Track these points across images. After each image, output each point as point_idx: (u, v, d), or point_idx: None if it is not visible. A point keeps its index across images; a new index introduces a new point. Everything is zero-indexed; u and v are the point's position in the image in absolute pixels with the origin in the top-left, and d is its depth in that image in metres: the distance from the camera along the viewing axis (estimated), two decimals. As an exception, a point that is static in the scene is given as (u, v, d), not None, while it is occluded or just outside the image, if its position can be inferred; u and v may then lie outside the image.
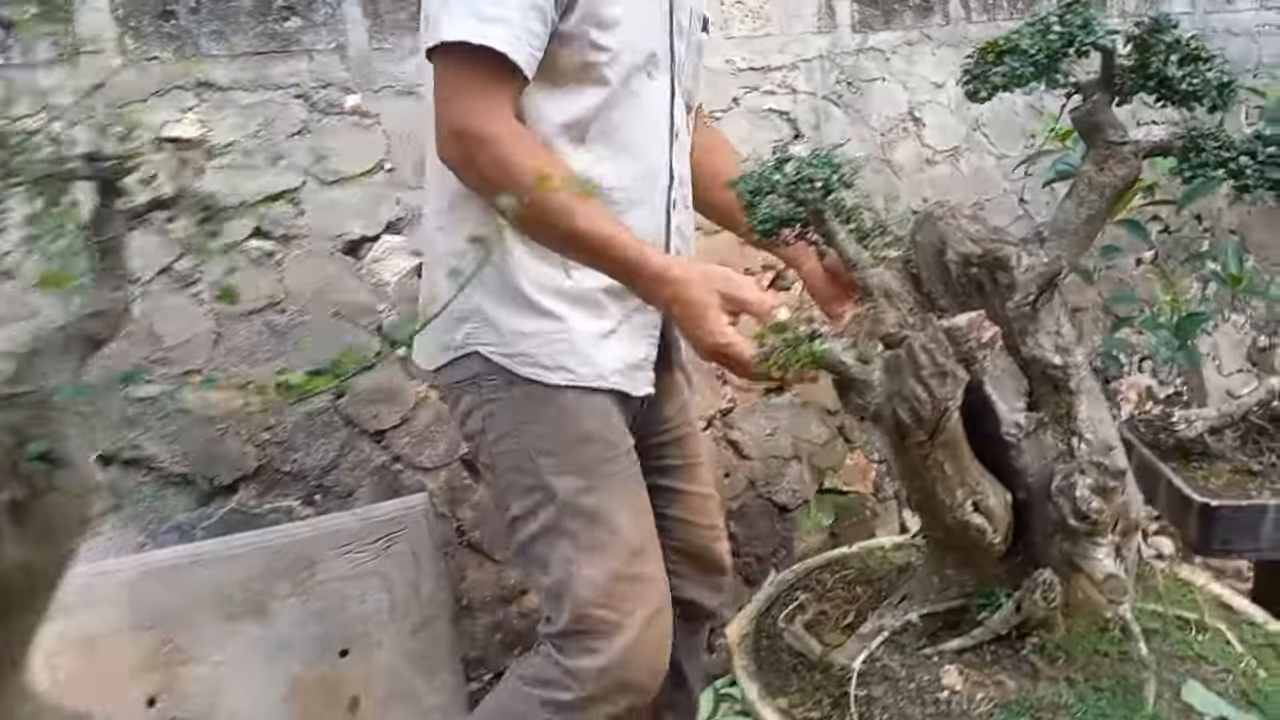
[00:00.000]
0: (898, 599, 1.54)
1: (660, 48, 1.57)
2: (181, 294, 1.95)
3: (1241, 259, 2.07)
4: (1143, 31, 1.39)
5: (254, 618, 1.89)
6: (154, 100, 1.88)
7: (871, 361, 1.31)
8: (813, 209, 1.50)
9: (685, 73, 1.65)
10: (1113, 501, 1.37)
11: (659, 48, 1.57)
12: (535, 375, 1.54)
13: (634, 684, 1.58)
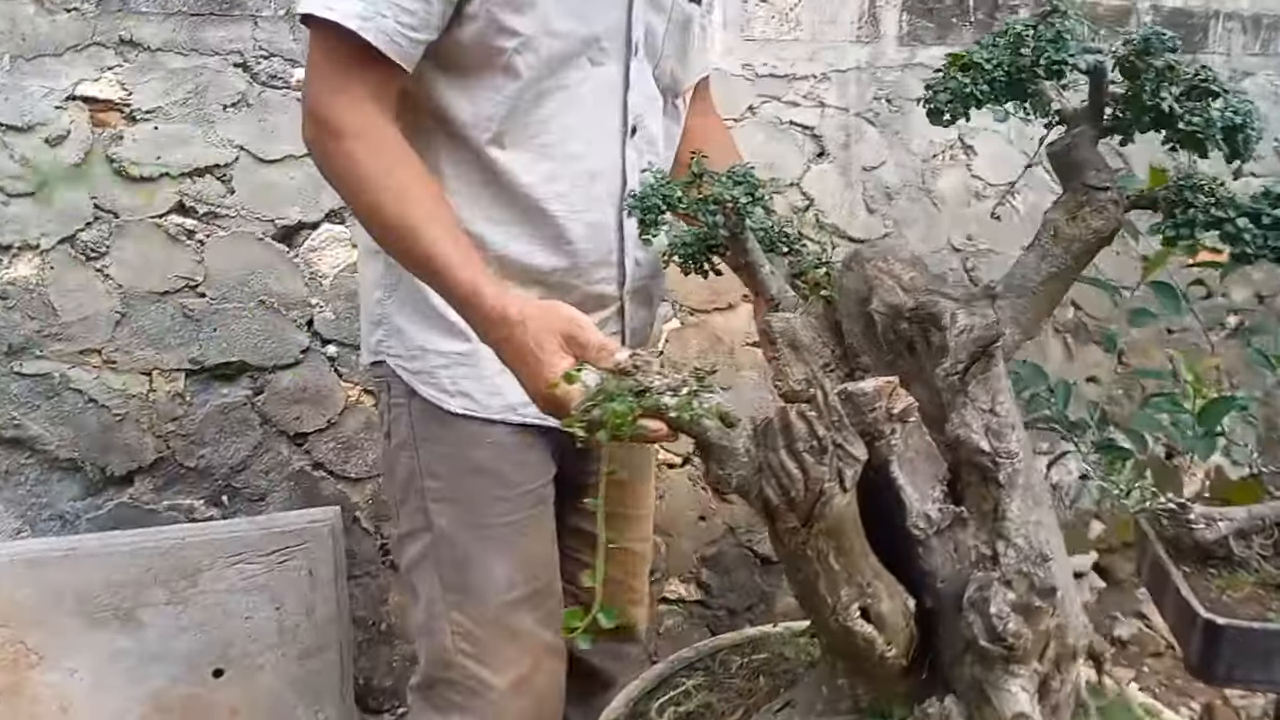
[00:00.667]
0: (779, 705, 1.32)
1: (609, 29, 1.36)
2: (86, 267, 1.82)
3: (1293, 344, 1.78)
4: (1130, 52, 1.14)
5: (121, 625, 1.74)
6: (70, 55, 1.75)
7: (737, 426, 1.09)
8: (730, 234, 1.30)
9: (665, 54, 1.42)
10: (1038, 624, 1.12)
11: (606, 29, 1.36)
12: (433, 398, 1.39)
13: None
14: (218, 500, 1.94)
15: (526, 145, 1.35)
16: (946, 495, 1.19)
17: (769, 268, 1.33)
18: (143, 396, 1.87)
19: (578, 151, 1.37)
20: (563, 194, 1.37)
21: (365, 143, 1.25)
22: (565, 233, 1.36)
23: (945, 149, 2.73)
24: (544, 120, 1.35)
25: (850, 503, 1.11)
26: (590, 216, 1.39)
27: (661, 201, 1.26)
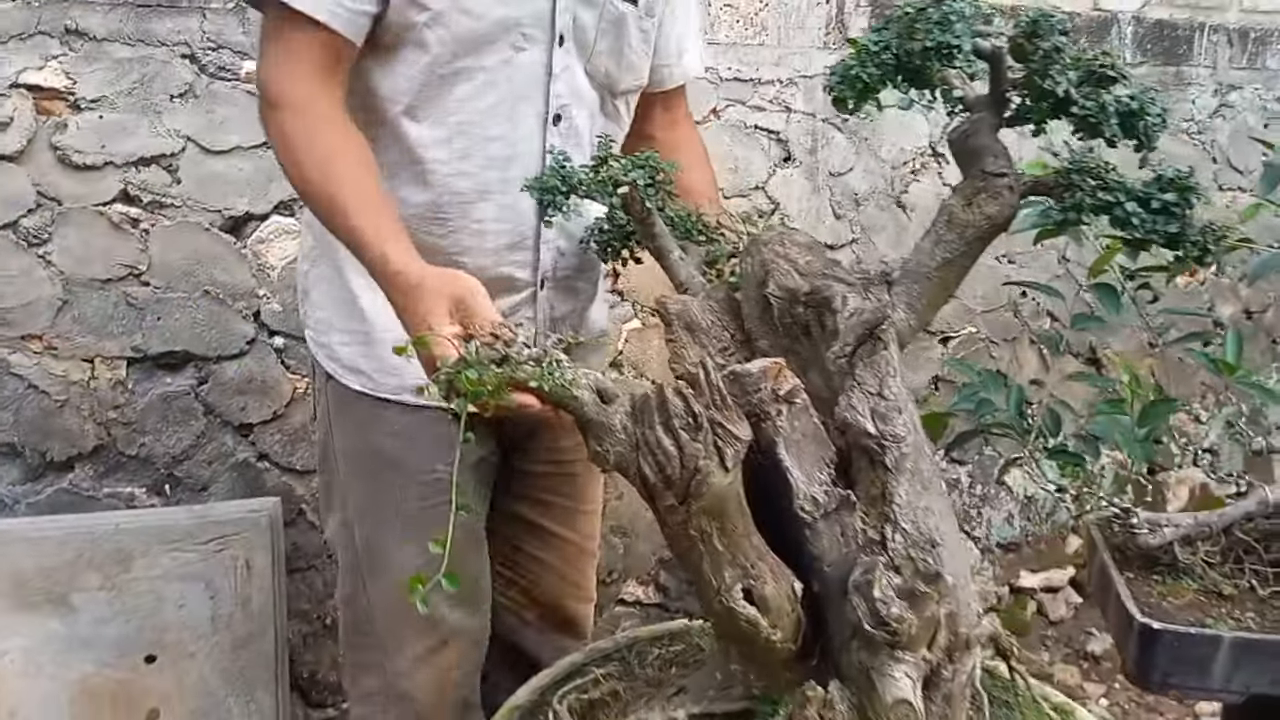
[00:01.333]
0: (673, 691, 1.31)
1: (533, 16, 1.37)
2: (27, 253, 1.84)
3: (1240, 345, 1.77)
4: (1019, 34, 1.15)
5: (52, 608, 1.76)
6: (14, 43, 1.78)
7: (614, 402, 1.10)
8: (639, 218, 1.31)
9: (598, 50, 1.43)
10: (923, 610, 1.11)
11: (529, 15, 1.37)
12: (334, 373, 1.43)
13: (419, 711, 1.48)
14: (159, 489, 1.96)
15: (442, 122, 1.37)
16: (835, 479, 1.18)
17: (678, 253, 1.34)
18: (84, 383, 1.89)
19: (495, 133, 1.39)
20: (471, 173, 1.39)
21: (300, 115, 1.29)
22: (472, 211, 1.38)
23: (916, 156, 2.74)
24: (461, 99, 1.37)
25: (733, 483, 1.11)
26: (504, 199, 1.39)
27: (561, 183, 1.28)
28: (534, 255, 1.43)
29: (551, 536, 1.64)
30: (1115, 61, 1.17)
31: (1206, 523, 1.79)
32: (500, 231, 1.40)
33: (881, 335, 1.16)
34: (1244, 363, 1.78)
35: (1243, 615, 1.60)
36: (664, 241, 1.32)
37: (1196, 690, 1.65)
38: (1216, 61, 3.21)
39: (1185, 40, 3.13)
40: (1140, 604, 1.63)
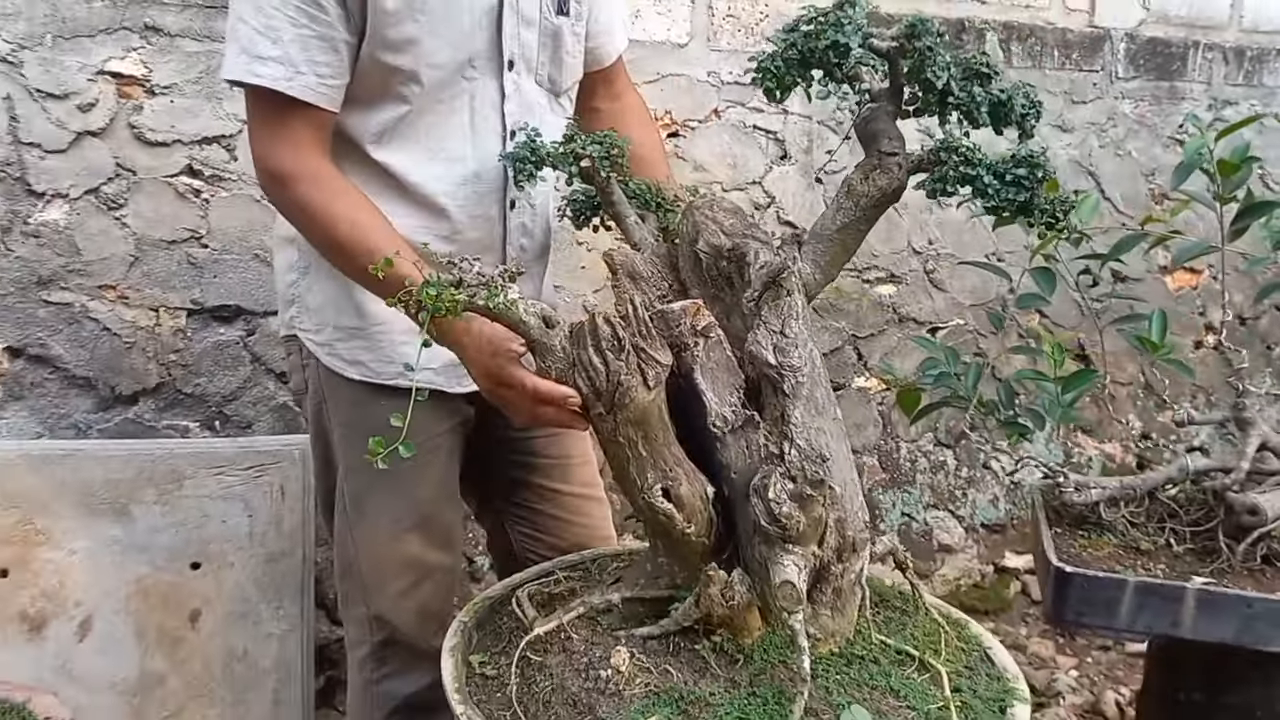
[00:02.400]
0: (611, 580, 1.55)
1: (481, 49, 1.55)
2: (106, 215, 2.13)
3: (1165, 325, 1.96)
4: (899, 34, 1.36)
5: (114, 517, 2.04)
6: (101, 37, 2.07)
7: (556, 327, 1.33)
8: (600, 187, 1.55)
9: (540, 62, 1.63)
10: (811, 511, 1.33)
11: (478, 50, 1.55)
12: (333, 366, 1.63)
13: (402, 636, 1.68)
14: (210, 424, 2.24)
15: (412, 149, 1.54)
16: (744, 402, 1.41)
17: (634, 218, 1.56)
18: (149, 329, 2.18)
19: (460, 154, 1.57)
20: (450, 192, 1.57)
21: (315, 185, 1.44)
22: (454, 224, 1.57)
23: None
24: (428, 128, 1.55)
25: (655, 399, 1.34)
26: (476, 210, 1.59)
27: (531, 154, 1.52)
28: (501, 255, 1.64)
29: (552, 492, 1.81)
30: (990, 60, 1.38)
31: (1131, 486, 1.97)
32: (476, 239, 1.60)
33: (783, 283, 1.38)
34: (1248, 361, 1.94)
35: (1154, 566, 1.77)
36: (621, 208, 1.54)
37: (1105, 629, 1.82)
38: (1211, 78, 3.36)
39: (1179, 57, 3.29)
40: (1060, 553, 1.82)
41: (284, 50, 1.42)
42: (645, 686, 1.33)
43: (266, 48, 1.42)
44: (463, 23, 1.52)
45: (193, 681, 2.06)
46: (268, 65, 1.43)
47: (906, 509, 3.04)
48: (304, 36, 1.43)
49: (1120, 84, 3.20)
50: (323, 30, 1.44)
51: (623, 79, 1.85)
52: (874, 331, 2.91)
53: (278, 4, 1.42)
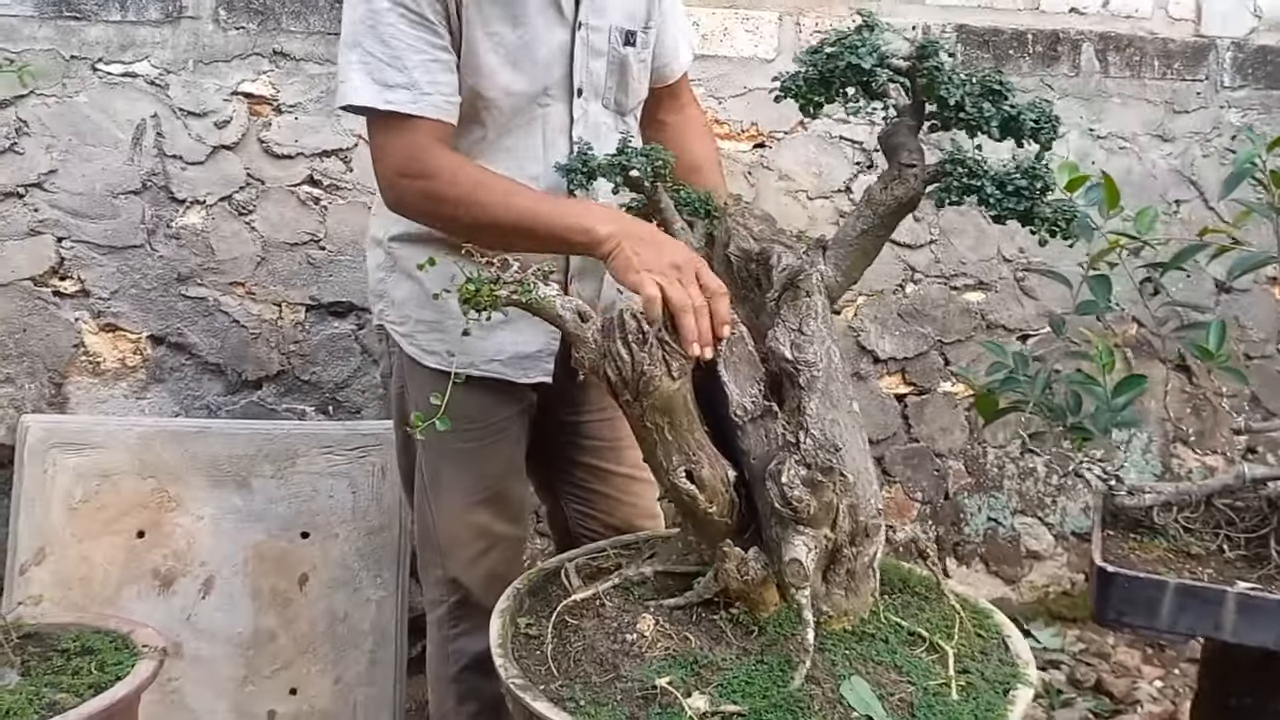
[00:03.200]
0: (647, 555, 1.67)
1: (556, 80, 1.68)
2: (238, 220, 2.37)
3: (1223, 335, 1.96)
4: (911, 56, 1.44)
5: (236, 488, 2.27)
6: (236, 62, 2.31)
7: (589, 320, 1.46)
8: (648, 195, 1.67)
9: (606, 86, 1.75)
10: (822, 496, 1.43)
11: (554, 80, 1.68)
12: (415, 355, 1.77)
13: (474, 599, 1.83)
14: (324, 409, 2.45)
15: (491, 166, 1.64)
16: (764, 394, 1.51)
17: (680, 224, 1.67)
18: (273, 322, 2.41)
19: (534, 173, 1.68)
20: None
21: (458, 173, 1.57)
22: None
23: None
24: (506, 149, 1.68)
25: (679, 389, 1.45)
26: None
27: (582, 166, 1.65)
28: (566, 260, 1.76)
29: (604, 472, 1.94)
30: (1002, 78, 1.45)
31: (1187, 492, 1.98)
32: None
33: (801, 284, 1.48)
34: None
35: (1202, 570, 1.78)
36: (669, 214, 1.66)
37: (1146, 629, 1.82)
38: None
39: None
40: (1107, 554, 1.85)
41: (409, 76, 1.56)
42: (665, 650, 1.45)
43: (394, 75, 1.55)
44: (539, 55, 1.66)
45: (299, 639, 2.27)
46: (397, 91, 1.55)
47: (993, 514, 3.05)
48: (425, 62, 1.57)
49: (1226, 93, 3.13)
50: (440, 54, 1.58)
51: (687, 93, 1.97)
52: (960, 338, 2.94)
53: (401, 34, 1.56)
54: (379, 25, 1.55)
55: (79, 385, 2.32)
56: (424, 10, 1.56)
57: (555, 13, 1.66)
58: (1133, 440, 3.20)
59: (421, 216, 1.66)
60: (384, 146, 1.61)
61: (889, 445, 2.93)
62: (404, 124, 1.57)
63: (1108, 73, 3.02)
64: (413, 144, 1.57)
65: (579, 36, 1.68)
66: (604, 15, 1.71)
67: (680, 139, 1.90)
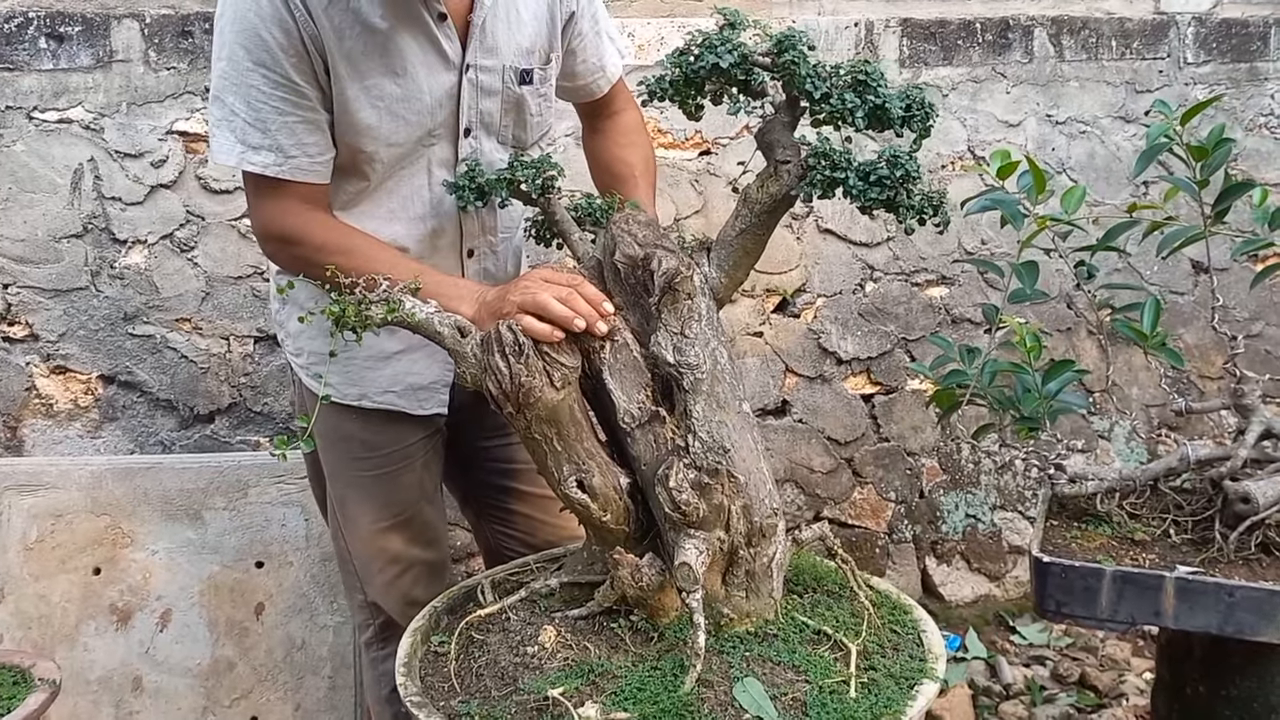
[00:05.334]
0: (555, 567, 1.67)
1: (441, 122, 1.65)
2: (180, 257, 2.41)
3: (1157, 315, 1.93)
4: (769, 51, 1.44)
5: (189, 521, 2.30)
6: (169, 101, 2.36)
7: (469, 335, 1.47)
8: (543, 208, 1.68)
9: (501, 124, 1.73)
10: (711, 498, 1.43)
11: (439, 123, 1.65)
12: (312, 386, 1.77)
13: (395, 622, 1.83)
14: (280, 435, 2.48)
15: (375, 212, 1.66)
16: (652, 399, 1.51)
17: (578, 234, 1.68)
18: (221, 355, 2.45)
19: (419, 213, 1.69)
20: (410, 249, 1.68)
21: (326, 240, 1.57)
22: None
23: (955, 159, 2.94)
24: (388, 192, 1.67)
25: (564, 399, 1.45)
26: (435, 261, 1.70)
27: (470, 183, 1.66)
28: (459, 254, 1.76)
29: (521, 493, 1.94)
30: (869, 67, 1.45)
31: (1130, 477, 1.95)
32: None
33: (679, 287, 1.48)
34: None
35: (1144, 557, 1.76)
36: (565, 225, 1.66)
37: (1087, 619, 1.80)
38: (1295, 56, 3.19)
39: (1259, 37, 3.15)
40: (1047, 544, 1.83)
41: (273, 139, 1.53)
42: (564, 661, 1.45)
43: (257, 138, 1.53)
44: (423, 103, 1.63)
45: (258, 668, 2.30)
46: (260, 154, 1.54)
47: (971, 510, 3.02)
48: (290, 124, 1.54)
49: (1190, 69, 3.10)
50: (306, 114, 1.55)
51: (620, 99, 1.93)
52: (925, 334, 2.92)
53: (264, 96, 1.53)
54: (241, 84, 1.53)
55: (34, 428, 2.37)
56: (288, 72, 1.52)
57: (438, 59, 1.62)
58: (1115, 429, 3.15)
59: (293, 273, 1.64)
60: (254, 208, 1.62)
61: (858, 446, 2.91)
62: (271, 186, 1.57)
63: (1063, 57, 3.00)
64: (280, 208, 1.57)
65: (466, 78, 1.65)
66: (495, 55, 1.68)
67: (610, 148, 1.92)
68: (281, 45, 1.51)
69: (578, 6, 1.81)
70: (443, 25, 1.61)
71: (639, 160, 1.93)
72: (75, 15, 2.31)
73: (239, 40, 1.52)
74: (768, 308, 2.83)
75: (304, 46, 1.52)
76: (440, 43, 1.62)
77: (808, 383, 2.87)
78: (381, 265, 1.53)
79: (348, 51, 1.55)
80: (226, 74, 1.54)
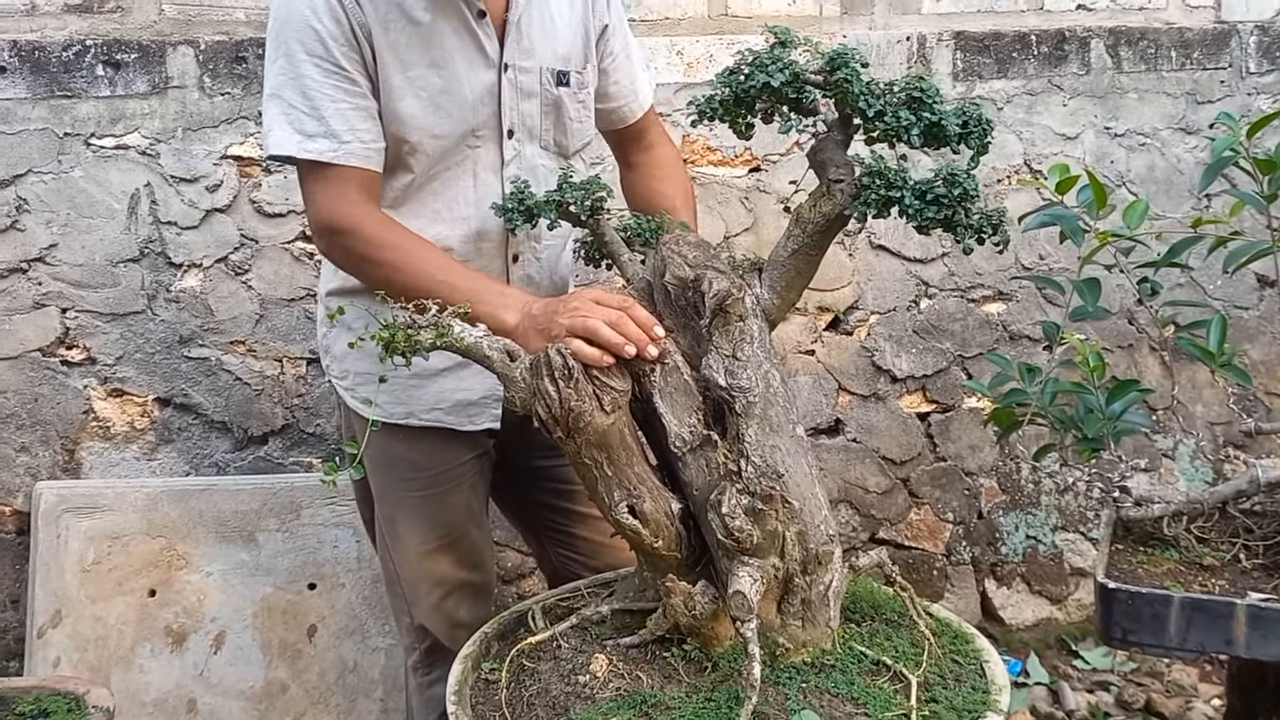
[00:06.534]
0: (606, 594, 1.64)
1: (485, 120, 1.68)
2: (235, 280, 2.43)
3: (1224, 333, 1.87)
4: (821, 69, 1.41)
5: (243, 542, 2.31)
6: (224, 126, 2.38)
7: (518, 359, 1.45)
8: (592, 229, 1.66)
9: (542, 128, 1.74)
10: (765, 525, 1.40)
11: (483, 121, 1.68)
12: (355, 408, 1.78)
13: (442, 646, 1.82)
14: (330, 460, 2.48)
15: (420, 212, 1.68)
16: (704, 423, 1.48)
17: (628, 255, 1.66)
18: (274, 377, 2.45)
19: (464, 215, 1.70)
20: (454, 249, 1.68)
21: (379, 234, 1.58)
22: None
23: (1011, 173, 2.88)
24: (434, 192, 1.69)
25: (614, 423, 1.43)
26: (479, 263, 1.70)
27: (519, 205, 1.65)
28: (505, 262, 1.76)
29: (579, 516, 1.91)
30: (924, 84, 1.41)
31: (1198, 500, 1.89)
32: None
33: (730, 309, 1.45)
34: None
35: (1214, 583, 1.70)
36: (614, 247, 1.64)
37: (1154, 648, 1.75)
38: (1370, 61, 3.09)
39: (1321, 42, 3.05)
40: (1113, 569, 1.77)
41: (327, 126, 1.58)
42: (616, 691, 1.42)
43: (313, 125, 1.58)
44: (463, 97, 1.66)
45: (311, 690, 2.29)
46: (315, 140, 1.58)
47: (1031, 531, 2.94)
48: (343, 110, 1.59)
49: (1253, 79, 3.01)
50: (358, 101, 1.60)
51: (654, 132, 1.94)
52: (982, 351, 2.86)
53: (317, 85, 1.59)
54: (296, 77, 1.59)
55: (91, 450, 2.39)
56: (338, 59, 1.58)
57: (477, 54, 1.67)
58: (1179, 447, 3.06)
59: (343, 269, 1.68)
60: (310, 198, 1.64)
61: (914, 466, 2.86)
62: (326, 174, 1.59)
63: (1121, 68, 2.93)
64: (336, 195, 1.59)
65: (506, 78, 1.69)
66: (532, 56, 1.71)
67: (648, 181, 1.90)
68: (332, 34, 1.58)
69: (610, 21, 1.83)
70: (481, 22, 1.66)
71: (678, 192, 1.91)
72: (131, 43, 2.34)
73: (293, 35, 1.59)
74: (820, 325, 2.79)
75: (353, 35, 1.59)
76: (480, 39, 1.66)
77: (861, 401, 2.82)
78: (429, 265, 1.56)
79: (392, 42, 1.61)
80: (283, 70, 1.60)
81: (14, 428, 2.35)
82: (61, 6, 2.33)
